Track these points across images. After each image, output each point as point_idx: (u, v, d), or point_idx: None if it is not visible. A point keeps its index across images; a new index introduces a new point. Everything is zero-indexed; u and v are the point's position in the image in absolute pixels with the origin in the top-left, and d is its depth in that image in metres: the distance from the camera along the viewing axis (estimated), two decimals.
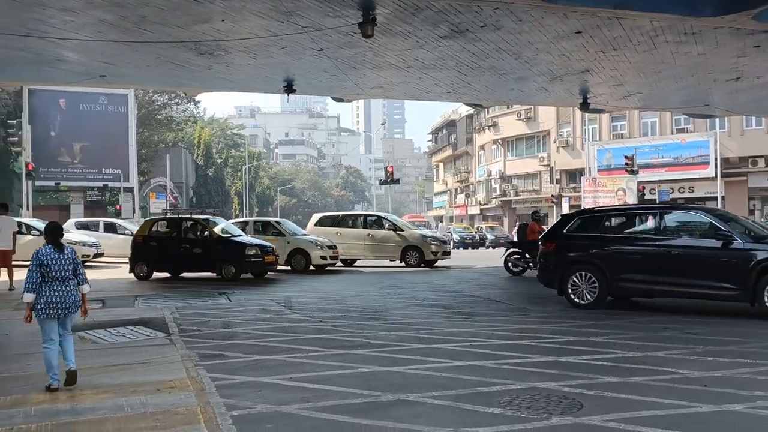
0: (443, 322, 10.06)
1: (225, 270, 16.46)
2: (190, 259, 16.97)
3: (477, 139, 60.69)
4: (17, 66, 15.08)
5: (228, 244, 16.95)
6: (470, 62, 14.58)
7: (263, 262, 16.84)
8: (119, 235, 24.64)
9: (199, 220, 17.67)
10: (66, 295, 6.06)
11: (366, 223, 22.93)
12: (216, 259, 16.60)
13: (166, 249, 17.30)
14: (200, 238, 17.20)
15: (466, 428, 4.80)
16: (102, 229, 25.16)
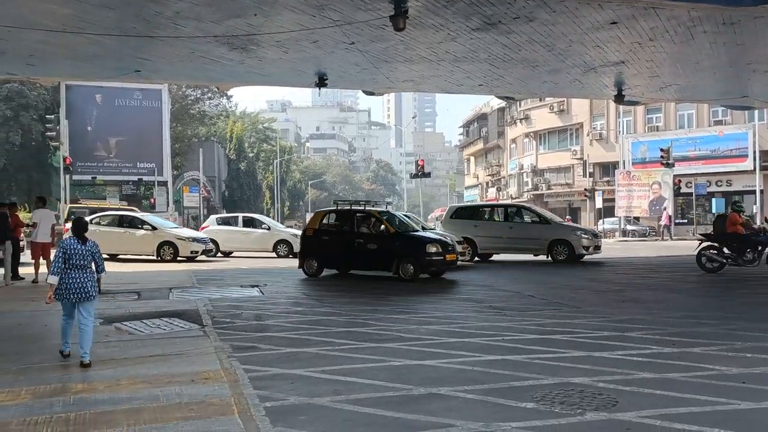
0: (475, 316, 10.02)
1: (402, 269, 14.67)
2: (363, 256, 15.22)
3: (509, 133, 60.19)
4: (55, 62, 15.39)
5: (406, 240, 15.20)
6: (502, 54, 14.45)
7: (444, 260, 14.95)
8: (258, 230, 24.56)
9: (373, 212, 16.10)
10: (84, 281, 6.81)
11: (507, 214, 21.34)
12: (392, 256, 14.81)
13: (337, 244, 15.73)
14: (375, 232, 15.49)
15: (499, 423, 4.78)
16: (241, 224, 25.09)
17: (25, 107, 39.42)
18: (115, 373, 6.32)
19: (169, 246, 21.14)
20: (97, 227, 21.22)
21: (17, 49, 13.80)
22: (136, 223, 22.09)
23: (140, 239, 21.41)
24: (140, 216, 23.32)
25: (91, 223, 21.14)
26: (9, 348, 7.63)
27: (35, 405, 5.27)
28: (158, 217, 25.94)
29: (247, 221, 25.42)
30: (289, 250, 23.19)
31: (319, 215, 16.99)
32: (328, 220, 16.64)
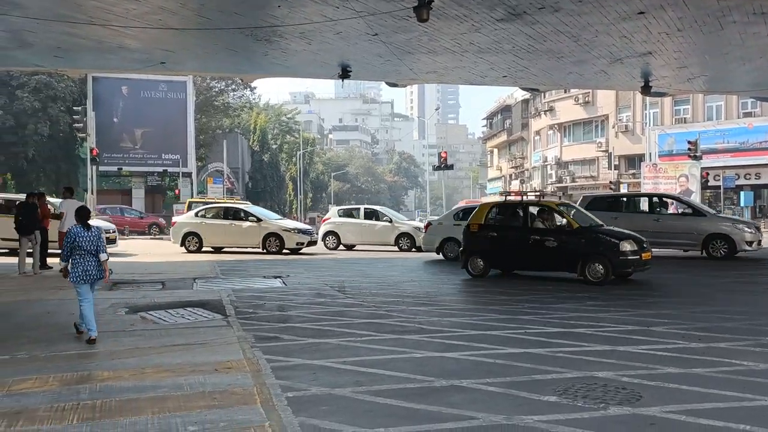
0: (496, 308, 9.97)
1: (590, 270, 12.73)
2: (540, 255, 13.37)
3: (533, 125, 59.69)
4: (81, 54, 15.57)
5: (594, 236, 13.23)
6: (527, 45, 14.31)
7: (640, 259, 13.02)
8: (380, 222, 23.62)
9: (550, 205, 14.40)
10: (95, 265, 7.45)
11: (652, 205, 19.44)
12: (577, 256, 12.89)
13: (507, 241, 13.94)
14: (554, 227, 13.61)
15: (521, 416, 4.75)
16: (362, 216, 24.23)
17: (53, 99, 39.99)
18: (140, 362, 6.40)
19: (274, 238, 20.82)
20: (202, 219, 21.48)
21: (45, 41, 13.98)
22: (241, 215, 21.83)
23: (245, 231, 21.17)
24: (245, 207, 23.10)
25: (196, 216, 21.85)
26: (38, 335, 7.76)
27: (62, 392, 5.36)
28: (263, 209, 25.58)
29: (369, 213, 24.50)
30: (411, 244, 22.32)
31: (485, 208, 15.04)
32: (496, 213, 14.81)
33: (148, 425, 4.53)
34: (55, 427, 4.50)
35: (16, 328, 8.29)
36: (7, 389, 5.41)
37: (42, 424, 4.55)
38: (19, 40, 13.86)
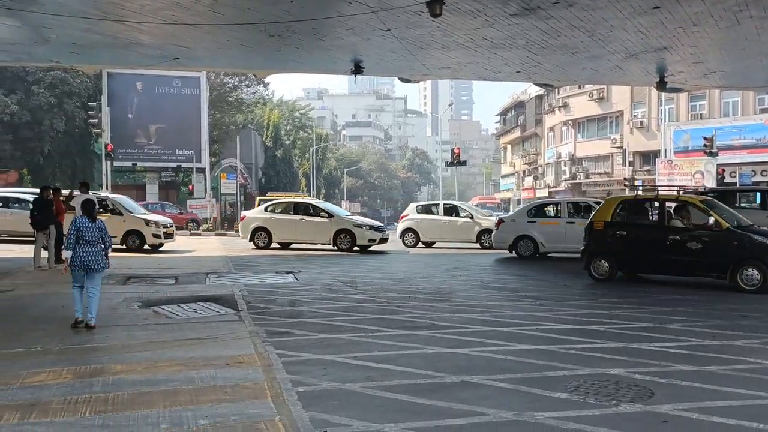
0: (509, 305, 9.95)
1: (744, 276, 11.31)
2: (681, 258, 11.93)
3: (546, 121, 59.32)
4: (96, 49, 15.64)
5: (748, 239, 11.66)
6: (541, 41, 14.20)
7: None
8: (460, 218, 22.81)
9: (693, 201, 12.72)
10: (94, 255, 7.79)
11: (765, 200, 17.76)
12: (728, 260, 11.47)
13: (640, 241, 12.54)
14: (697, 227, 12.05)
15: (532, 412, 4.74)
16: (442, 212, 23.54)
17: (68, 95, 40.27)
18: (153, 356, 6.44)
19: (346, 234, 20.23)
20: (271, 215, 21.14)
21: (61, 37, 14.07)
22: (311, 210, 21.32)
23: (316, 227, 20.65)
24: (316, 203, 22.73)
25: (265, 211, 21.55)
26: (52, 328, 7.83)
27: (76, 384, 5.41)
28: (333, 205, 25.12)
29: (449, 209, 23.68)
30: None
31: (612, 204, 13.58)
32: (625, 210, 13.32)
33: (159, 418, 4.56)
34: (68, 420, 4.54)
35: (32, 321, 8.38)
36: (21, 382, 5.47)
37: (55, 417, 4.60)
38: (36, 36, 13.96)
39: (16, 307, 9.46)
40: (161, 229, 19.51)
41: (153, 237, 19.19)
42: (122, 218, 19.12)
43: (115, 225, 18.38)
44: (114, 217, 18.76)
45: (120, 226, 18.74)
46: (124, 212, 19.37)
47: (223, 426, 4.42)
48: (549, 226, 18.37)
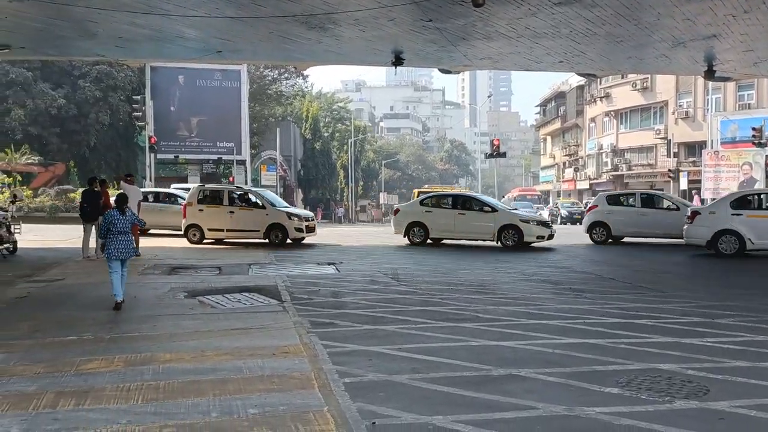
0: (554, 298, 9.81)
1: None
2: None
3: (588, 111, 58.34)
4: (141, 43, 15.91)
5: None
6: (585, 29, 13.93)
7: None
8: (663, 210, 20.29)
9: None
10: (126, 244, 8.75)
11: None
12: None
13: None
14: None
15: (582, 407, 4.65)
16: (639, 203, 20.62)
17: (113, 88, 41.08)
18: (200, 345, 6.53)
19: (511, 230, 18.65)
20: (425, 208, 19.96)
21: (107, 31, 14.33)
22: (472, 204, 19.90)
23: (478, 222, 19.15)
24: (477, 197, 21.32)
25: (421, 204, 20.32)
26: (101, 317, 8.01)
27: (127, 372, 5.51)
28: (493, 198, 23.70)
29: (647, 199, 20.84)
30: None
31: None
32: None
33: (210, 407, 4.61)
34: (121, 407, 4.62)
35: (82, 309, 8.58)
36: (75, 369, 5.59)
37: (109, 403, 4.69)
38: (83, 30, 14.25)
39: (67, 296, 9.70)
40: (303, 223, 18.95)
41: (295, 231, 18.69)
42: (265, 212, 18.74)
43: (258, 219, 18.66)
44: (257, 210, 18.80)
45: (263, 220, 18.63)
46: (267, 206, 18.93)
47: (272, 415, 4.44)
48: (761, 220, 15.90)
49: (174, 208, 21.66)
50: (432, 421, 4.37)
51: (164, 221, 21.41)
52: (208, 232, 18.98)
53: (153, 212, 20.90)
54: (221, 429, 4.19)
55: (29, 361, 5.83)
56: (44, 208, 28.93)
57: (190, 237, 19.00)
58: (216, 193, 19.68)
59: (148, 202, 21.20)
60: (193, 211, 19.12)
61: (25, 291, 9.97)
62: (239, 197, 19.52)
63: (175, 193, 23.40)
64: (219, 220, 18.91)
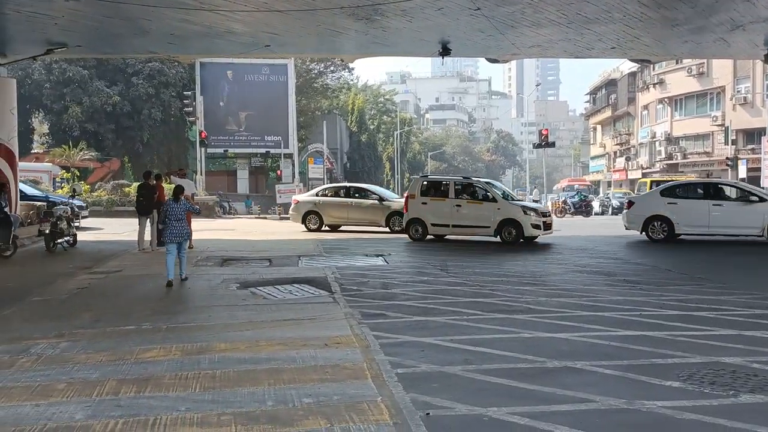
0: (607, 289, 9.61)
1: None
2: None
3: (640, 99, 56.85)
4: (191, 39, 16.18)
5: None
6: (639, 14, 13.56)
7: None
8: None
9: None
10: (181, 230, 9.97)
11: None
12: None
13: None
14: None
15: (642, 401, 4.53)
16: None
17: (165, 85, 42.00)
18: (254, 335, 6.62)
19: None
20: (674, 199, 17.24)
21: (159, 28, 14.62)
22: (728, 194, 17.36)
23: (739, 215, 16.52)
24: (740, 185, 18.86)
25: (662, 195, 17.49)
26: (159, 307, 8.20)
27: (185, 361, 5.62)
28: None
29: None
30: None
31: None
32: None
33: (265, 396, 4.66)
34: (180, 394, 4.72)
35: (140, 300, 8.80)
36: (135, 357, 5.73)
37: (168, 391, 4.79)
38: (136, 28, 14.57)
39: (125, 287, 9.96)
40: (540, 219, 16.98)
41: (532, 228, 16.72)
42: (496, 205, 17.01)
43: (489, 213, 16.97)
44: (487, 204, 17.16)
45: (493, 214, 16.92)
46: (499, 199, 17.23)
47: (326, 405, 4.46)
48: None
49: (365, 203, 20.95)
50: (487, 413, 4.33)
51: (356, 216, 20.92)
52: (432, 227, 17.62)
53: (345, 208, 21.00)
54: (277, 417, 4.23)
55: (92, 350, 6.00)
56: (101, 202, 29.79)
57: (412, 233, 17.78)
58: (440, 185, 18.07)
59: (339, 198, 21.43)
60: (416, 205, 17.82)
61: (85, 282, 10.29)
62: (464, 189, 17.69)
63: (366, 188, 22.86)
64: (444, 214, 17.42)
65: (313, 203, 21.55)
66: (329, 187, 24.04)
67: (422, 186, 18.21)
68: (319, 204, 21.43)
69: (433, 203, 17.71)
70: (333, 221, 21.26)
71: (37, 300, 8.78)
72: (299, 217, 21.56)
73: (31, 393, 4.74)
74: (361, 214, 20.92)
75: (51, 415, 4.28)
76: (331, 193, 22.29)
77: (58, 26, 14.29)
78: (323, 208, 21.31)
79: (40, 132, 46.24)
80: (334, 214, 21.18)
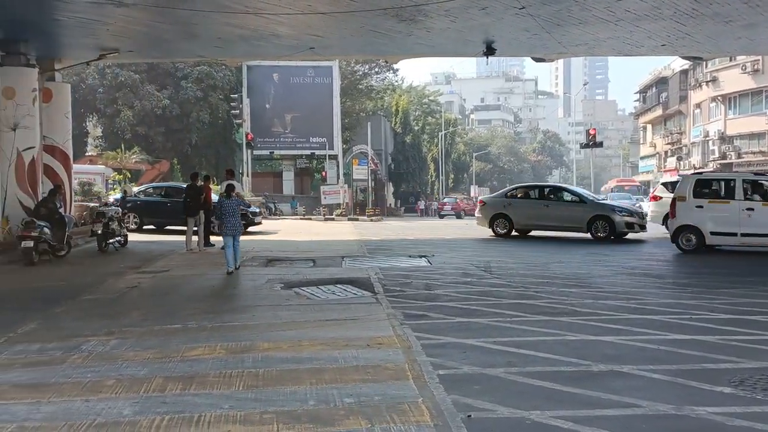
0: (656, 292, 9.38)
1: None
2: None
3: (692, 97, 55.34)
4: (238, 43, 16.45)
5: None
6: (691, 10, 13.21)
7: None
8: None
9: None
10: (234, 224, 11.11)
11: None
12: None
13: None
14: None
15: (691, 406, 4.40)
16: None
17: (212, 88, 42.78)
18: (297, 335, 6.67)
19: None
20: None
21: (207, 32, 14.91)
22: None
23: None
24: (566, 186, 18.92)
25: None
26: (204, 307, 8.35)
27: (229, 360, 5.70)
28: None
29: None
30: None
31: None
32: None
33: (307, 395, 4.69)
34: (224, 392, 4.79)
35: (186, 299, 8.98)
36: (181, 355, 5.85)
37: (213, 389, 4.86)
38: (185, 32, 14.90)
39: (172, 287, 10.17)
40: None
41: None
42: None
43: None
44: None
45: None
46: None
47: (367, 405, 4.47)
48: None
49: (564, 204, 19.15)
50: (529, 416, 4.27)
51: (553, 220, 18.79)
52: (710, 236, 14.65)
53: (539, 210, 19.00)
54: (319, 417, 4.25)
55: (140, 348, 6.14)
56: None
57: (683, 244, 14.89)
58: (722, 185, 15.18)
59: (532, 198, 19.55)
60: (687, 209, 14.89)
61: (135, 281, 10.55)
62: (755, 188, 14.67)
63: (564, 187, 21.57)
64: (729, 220, 14.41)
65: (502, 205, 19.65)
66: (519, 187, 21.93)
67: (695, 186, 15.17)
68: (509, 206, 19.44)
69: (713, 207, 14.73)
70: (525, 225, 19.36)
71: (88, 298, 9.04)
72: (486, 221, 19.68)
73: (81, 389, 4.88)
74: (559, 217, 18.73)
75: (100, 410, 4.39)
76: (521, 194, 20.21)
77: (110, 32, 14.71)
78: (513, 210, 19.30)
79: (93, 135, 47.67)
80: (527, 217, 19.17)
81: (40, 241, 12.79)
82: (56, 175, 17.26)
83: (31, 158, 15.49)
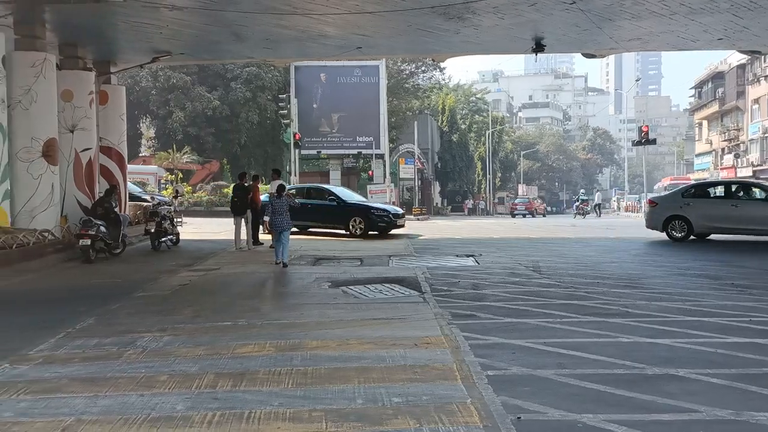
0: (712, 293, 9.08)
1: None
2: None
3: (750, 92, 53.50)
4: (286, 44, 16.65)
5: None
6: (748, 2, 12.78)
7: None
8: None
9: None
10: (282, 220, 11.83)
11: None
12: None
13: None
14: None
15: (752, 412, 4.24)
16: None
17: (261, 89, 43.42)
18: (345, 333, 6.70)
19: None
20: None
21: (255, 33, 15.14)
22: None
23: None
24: None
25: None
26: (254, 304, 8.46)
27: (278, 357, 5.76)
28: None
29: None
30: None
31: None
32: None
33: (355, 393, 4.70)
34: (273, 390, 4.84)
35: (236, 297, 9.12)
36: (231, 352, 5.94)
37: (262, 386, 4.92)
38: (234, 34, 15.14)
39: (222, 285, 10.35)
40: None
41: None
42: None
43: None
44: None
45: None
46: None
47: (415, 405, 4.45)
48: None
49: (751, 205, 16.64)
50: (581, 419, 4.18)
51: (743, 222, 16.42)
52: None
53: (725, 210, 16.58)
54: (366, 416, 4.25)
55: (192, 344, 6.27)
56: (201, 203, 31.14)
57: None
58: None
59: (714, 198, 17.37)
60: None
61: (187, 279, 10.77)
62: None
63: (751, 183, 19.05)
64: None
65: (678, 205, 17.31)
66: (697, 185, 19.78)
67: None
68: (687, 206, 17.10)
69: None
70: (707, 228, 17.00)
71: (142, 295, 9.27)
72: (659, 223, 17.57)
73: (136, 384, 5.00)
74: (750, 219, 16.37)
75: (154, 405, 4.49)
76: (700, 192, 18.08)
77: (162, 35, 15.06)
78: (692, 211, 16.98)
79: (147, 136, 48.95)
80: (710, 219, 16.82)
81: (97, 239, 13.19)
82: (112, 175, 17.77)
83: (89, 159, 15.98)
